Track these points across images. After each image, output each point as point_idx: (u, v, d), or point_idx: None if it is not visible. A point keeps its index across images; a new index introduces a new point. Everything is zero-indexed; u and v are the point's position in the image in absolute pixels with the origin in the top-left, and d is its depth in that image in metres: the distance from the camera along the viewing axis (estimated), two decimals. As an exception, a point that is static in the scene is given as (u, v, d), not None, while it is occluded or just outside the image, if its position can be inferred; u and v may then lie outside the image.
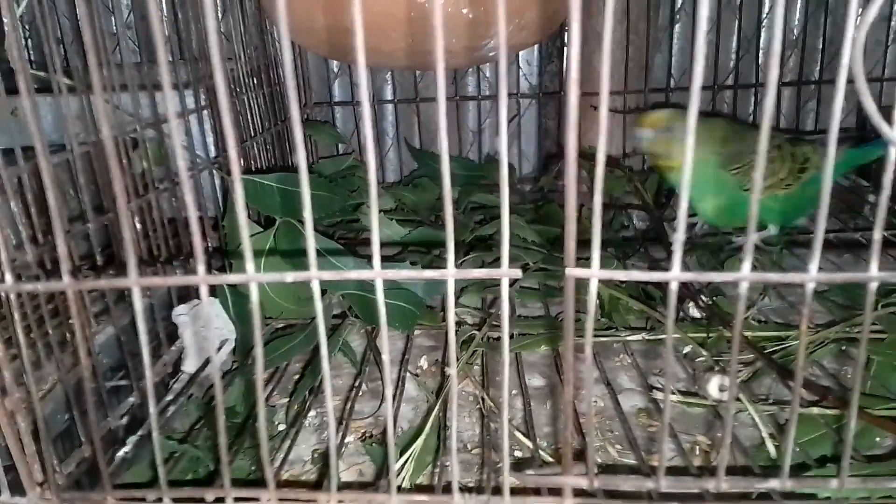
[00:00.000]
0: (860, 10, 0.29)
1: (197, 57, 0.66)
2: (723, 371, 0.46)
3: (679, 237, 0.32)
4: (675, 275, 0.32)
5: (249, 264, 0.32)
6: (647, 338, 0.59)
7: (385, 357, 0.33)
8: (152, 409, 0.34)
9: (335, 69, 1.04)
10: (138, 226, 0.50)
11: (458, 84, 1.04)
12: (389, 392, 0.33)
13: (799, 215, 0.79)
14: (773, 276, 0.33)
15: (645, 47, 0.98)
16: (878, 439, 0.46)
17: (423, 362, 0.61)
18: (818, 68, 1.00)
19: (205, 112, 0.65)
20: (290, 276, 0.32)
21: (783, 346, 0.56)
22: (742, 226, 0.77)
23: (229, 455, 0.45)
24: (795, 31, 1.00)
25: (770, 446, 0.44)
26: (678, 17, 1.01)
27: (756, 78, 1.00)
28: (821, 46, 0.99)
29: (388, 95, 1.05)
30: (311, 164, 0.99)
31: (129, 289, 0.32)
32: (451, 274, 0.33)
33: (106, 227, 0.49)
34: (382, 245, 0.79)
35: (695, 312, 0.69)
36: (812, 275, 0.32)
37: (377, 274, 0.33)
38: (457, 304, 0.65)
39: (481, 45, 0.70)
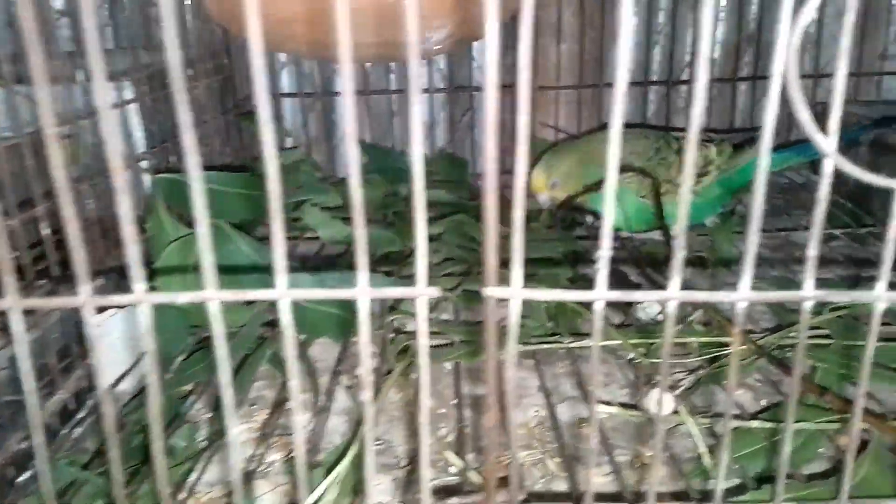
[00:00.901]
0: (795, 13, 0.27)
1: (129, 46, 0.63)
2: (665, 385, 0.44)
3: (603, 255, 0.30)
4: (601, 294, 0.30)
5: (138, 284, 0.29)
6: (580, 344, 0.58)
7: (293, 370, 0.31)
8: (37, 440, 0.31)
9: (282, 59, 1.00)
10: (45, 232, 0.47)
11: (407, 76, 1.01)
12: (298, 410, 0.31)
13: (705, 216, 0.81)
14: (701, 295, 0.31)
15: (600, 41, 0.97)
16: (821, 450, 0.45)
17: (361, 370, 0.58)
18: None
19: (131, 106, 0.62)
20: (183, 297, 0.30)
21: (724, 352, 0.55)
22: (648, 228, 0.78)
23: (135, 481, 0.42)
24: (752, 25, 0.99)
25: (707, 461, 0.43)
26: (635, 10, 0.99)
27: (710, 72, 0.99)
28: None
29: (337, 87, 1.02)
30: (254, 159, 0.96)
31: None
32: (362, 294, 0.31)
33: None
34: (326, 245, 0.78)
35: (653, 309, 0.67)
36: (742, 294, 0.30)
37: (282, 294, 0.30)
38: (394, 311, 0.63)
39: (427, 38, 0.67)
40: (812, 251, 0.30)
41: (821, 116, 0.87)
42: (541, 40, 0.97)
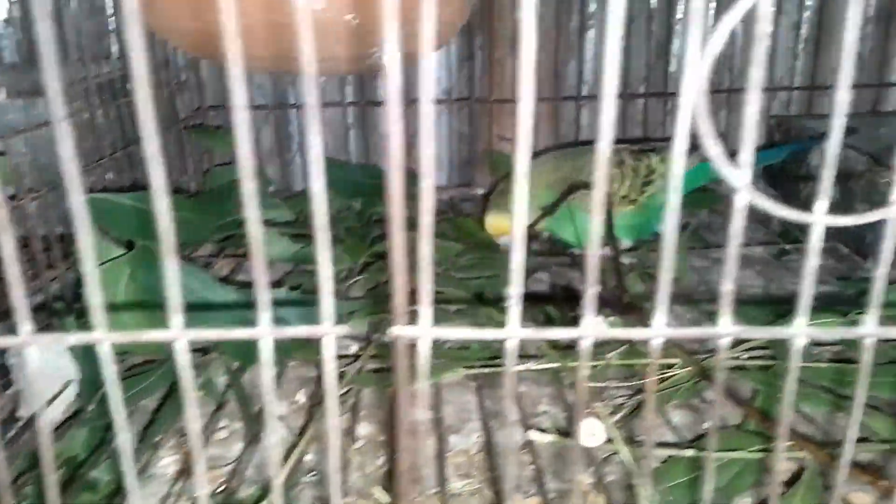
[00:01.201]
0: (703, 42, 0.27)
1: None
2: (596, 415, 0.43)
3: (514, 292, 0.29)
4: (514, 332, 0.29)
5: (25, 325, 0.28)
6: (532, 368, 0.57)
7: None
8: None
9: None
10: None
11: (365, 88, 0.99)
12: (199, 453, 0.29)
13: (651, 229, 0.80)
14: (619, 332, 0.30)
15: (555, 54, 0.96)
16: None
17: (301, 396, 0.57)
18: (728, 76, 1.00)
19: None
20: (70, 339, 0.28)
21: (670, 373, 0.54)
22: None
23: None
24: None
25: (641, 491, 0.42)
26: (591, 22, 0.99)
27: (666, 86, 0.99)
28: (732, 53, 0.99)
29: (292, 99, 1.01)
30: (205, 172, 0.94)
31: None
32: (264, 333, 0.30)
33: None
34: (272, 263, 0.76)
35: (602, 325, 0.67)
36: (657, 330, 0.30)
37: (177, 335, 0.29)
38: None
39: (370, 53, 0.66)
40: (727, 286, 0.29)
41: (774, 130, 0.87)
42: (496, 53, 0.97)
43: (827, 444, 0.45)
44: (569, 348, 0.61)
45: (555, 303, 0.70)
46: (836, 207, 0.80)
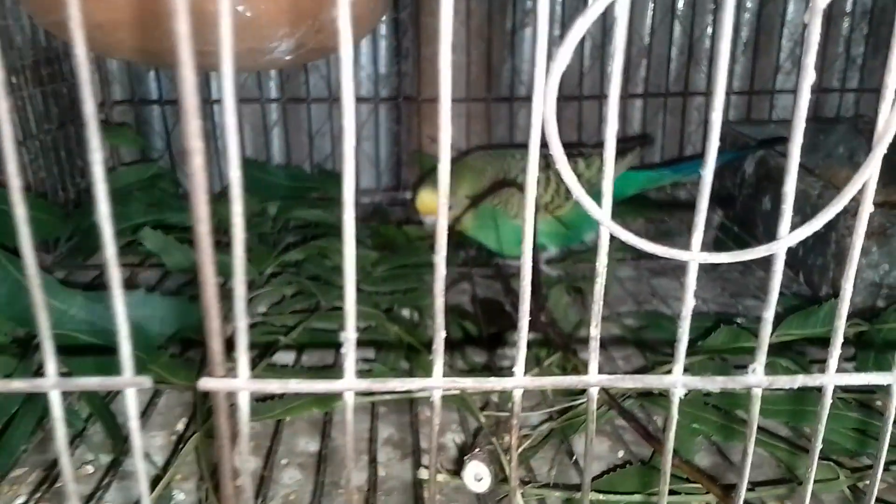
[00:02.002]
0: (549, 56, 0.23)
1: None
2: (484, 456, 0.40)
3: (349, 337, 0.25)
4: (349, 384, 0.25)
5: None
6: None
7: None
8: None
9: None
10: None
11: (285, 85, 0.95)
12: None
13: (580, 235, 0.78)
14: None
15: (488, 52, 0.93)
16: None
17: (181, 425, 0.52)
18: (666, 79, 0.97)
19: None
20: None
21: (578, 402, 0.51)
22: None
23: None
24: (646, 39, 0.97)
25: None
26: (527, 21, 0.96)
27: (601, 87, 0.96)
28: (668, 55, 0.97)
29: (214, 94, 0.95)
30: (110, 170, 0.88)
31: None
32: (52, 387, 0.25)
33: None
34: (173, 272, 0.71)
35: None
36: (518, 381, 0.26)
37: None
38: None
39: (270, 48, 0.62)
40: (594, 331, 0.26)
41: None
42: (425, 50, 0.93)
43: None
44: (486, 368, 0.58)
45: (474, 319, 0.66)
46: (766, 217, 0.78)
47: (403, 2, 0.94)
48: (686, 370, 0.26)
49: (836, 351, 0.27)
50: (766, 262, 0.27)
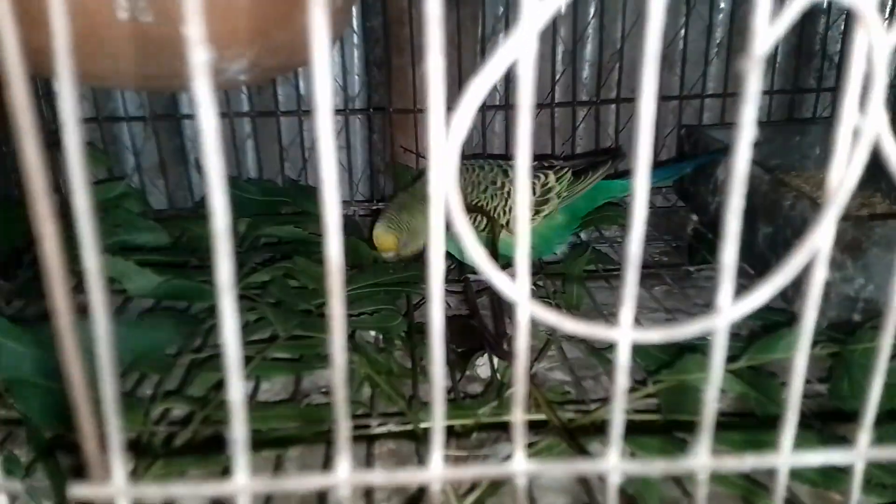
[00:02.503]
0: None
1: None
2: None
3: (236, 438, 0.22)
4: (242, 485, 0.22)
5: None
6: (395, 430, 0.49)
7: None
8: None
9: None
10: None
11: (253, 97, 0.91)
12: None
13: (553, 246, 0.76)
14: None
15: (458, 61, 0.89)
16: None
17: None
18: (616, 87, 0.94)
19: None
20: None
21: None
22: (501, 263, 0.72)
23: None
24: (618, 44, 0.93)
25: None
26: (498, 27, 0.92)
27: (574, 95, 0.92)
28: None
29: (186, 109, 0.91)
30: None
31: None
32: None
33: None
34: (133, 298, 0.67)
35: (484, 370, 0.60)
36: (435, 471, 0.23)
37: None
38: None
39: (221, 69, 0.58)
40: (518, 416, 0.22)
41: (684, 141, 0.79)
42: (396, 60, 0.89)
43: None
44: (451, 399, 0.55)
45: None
46: (744, 224, 0.75)
47: (374, 11, 0.90)
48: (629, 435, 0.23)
49: (790, 429, 0.23)
50: (753, 266, 0.23)
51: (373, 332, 0.63)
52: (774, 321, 0.58)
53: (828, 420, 0.48)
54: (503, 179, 0.73)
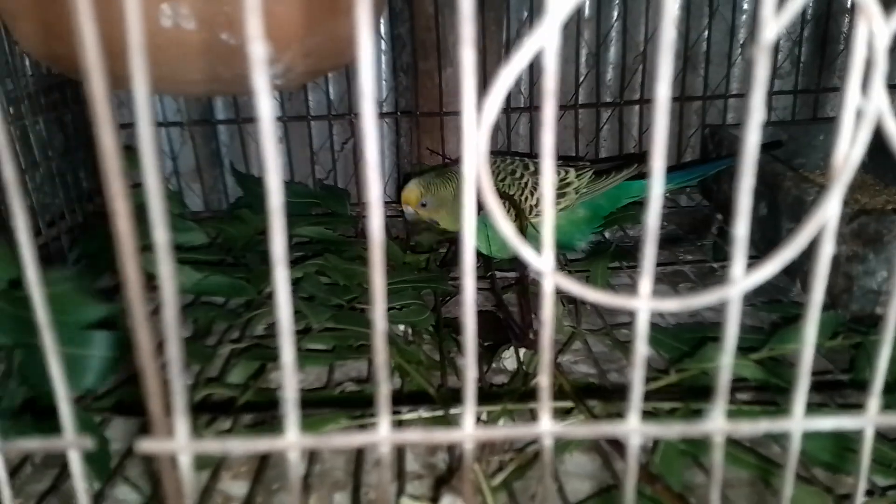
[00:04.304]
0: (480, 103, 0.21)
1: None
2: (459, 488, 0.38)
3: (288, 397, 0.24)
4: (293, 441, 0.24)
5: None
6: (425, 415, 0.51)
7: None
8: None
9: (153, 86, 0.92)
10: None
11: (285, 103, 0.94)
12: None
13: (573, 240, 0.78)
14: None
15: (483, 64, 0.91)
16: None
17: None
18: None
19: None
20: None
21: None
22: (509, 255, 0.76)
23: None
24: (641, 46, 0.95)
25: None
26: (523, 31, 0.93)
27: (598, 96, 0.94)
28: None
29: (220, 115, 0.95)
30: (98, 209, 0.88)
31: None
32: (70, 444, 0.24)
33: None
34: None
35: (510, 363, 0.62)
36: (467, 432, 0.24)
37: None
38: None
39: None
40: (544, 381, 0.24)
41: (708, 140, 0.81)
42: (422, 65, 0.91)
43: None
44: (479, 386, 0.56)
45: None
46: (763, 223, 0.76)
47: (401, 18, 0.92)
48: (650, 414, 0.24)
49: (801, 395, 0.25)
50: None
51: (402, 326, 0.65)
52: (795, 314, 0.59)
53: (850, 408, 0.49)
54: (522, 171, 0.75)
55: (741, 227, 0.23)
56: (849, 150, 0.22)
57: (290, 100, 0.95)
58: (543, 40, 0.21)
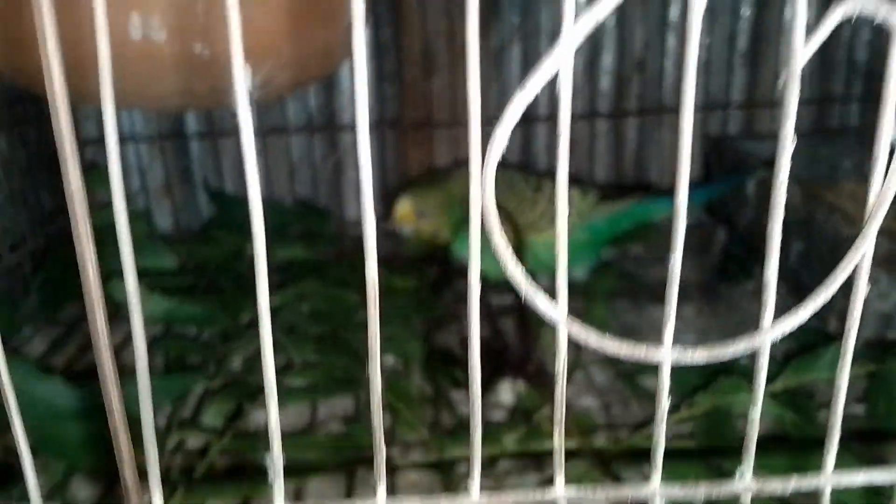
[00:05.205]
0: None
1: None
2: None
3: (275, 465, 0.23)
4: (281, 510, 0.23)
5: None
6: (418, 461, 0.50)
7: None
8: None
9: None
10: None
11: (262, 115, 0.93)
12: None
13: (572, 263, 0.77)
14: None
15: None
16: None
17: None
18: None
19: None
20: None
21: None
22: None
23: None
24: (638, 53, 0.95)
25: None
26: (512, 38, 0.93)
27: (594, 104, 0.94)
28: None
29: (193, 128, 0.93)
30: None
31: None
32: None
33: None
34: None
35: (506, 396, 0.61)
36: (473, 499, 0.24)
37: None
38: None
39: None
40: (557, 440, 0.23)
41: (710, 153, 0.80)
42: (408, 73, 0.91)
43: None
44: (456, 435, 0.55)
45: (463, 364, 0.64)
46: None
47: (383, 22, 0.92)
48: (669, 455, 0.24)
49: (832, 451, 0.24)
50: (785, 282, 0.24)
51: (390, 357, 0.64)
52: (810, 342, 0.59)
53: (866, 440, 0.48)
54: (523, 185, 0.74)
55: (771, 271, 0.22)
56: (883, 187, 0.21)
57: (266, 112, 0.93)
58: (558, 65, 0.21)
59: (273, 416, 0.22)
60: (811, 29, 0.21)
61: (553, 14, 0.93)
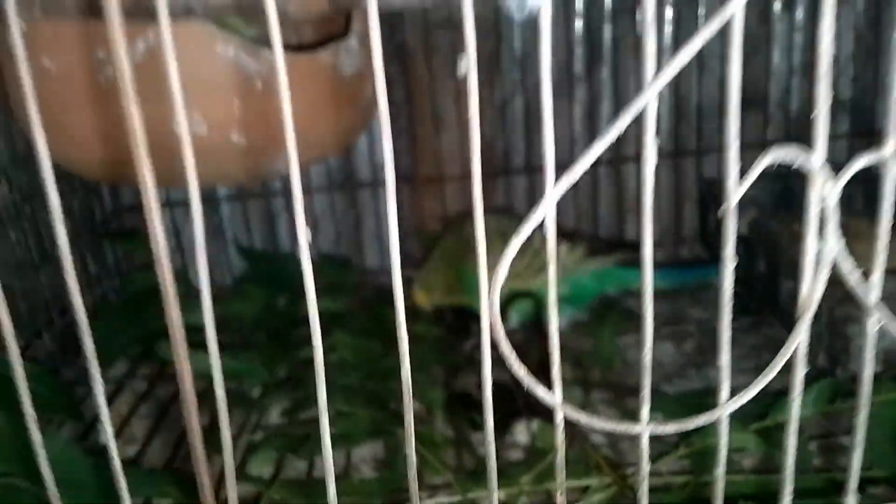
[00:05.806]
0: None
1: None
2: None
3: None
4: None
5: None
6: (443, 501, 0.55)
7: None
8: None
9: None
10: None
11: (284, 179, 0.99)
12: None
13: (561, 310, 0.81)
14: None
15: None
16: None
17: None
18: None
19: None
20: None
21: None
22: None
23: None
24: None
25: None
26: (515, 92, 0.99)
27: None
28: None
29: (223, 191, 1.00)
30: (125, 275, 0.93)
31: None
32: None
33: None
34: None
35: (522, 436, 0.66)
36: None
37: None
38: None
39: (267, 169, 0.66)
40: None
41: (706, 195, 0.86)
42: (419, 129, 0.97)
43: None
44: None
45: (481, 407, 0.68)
46: (763, 280, 0.80)
47: (394, 84, 0.98)
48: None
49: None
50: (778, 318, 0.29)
51: (415, 403, 0.69)
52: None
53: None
54: (511, 233, 0.79)
55: (724, 357, 0.28)
56: (811, 290, 0.27)
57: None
58: (545, 212, 0.26)
59: (328, 465, 0.28)
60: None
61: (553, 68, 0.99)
